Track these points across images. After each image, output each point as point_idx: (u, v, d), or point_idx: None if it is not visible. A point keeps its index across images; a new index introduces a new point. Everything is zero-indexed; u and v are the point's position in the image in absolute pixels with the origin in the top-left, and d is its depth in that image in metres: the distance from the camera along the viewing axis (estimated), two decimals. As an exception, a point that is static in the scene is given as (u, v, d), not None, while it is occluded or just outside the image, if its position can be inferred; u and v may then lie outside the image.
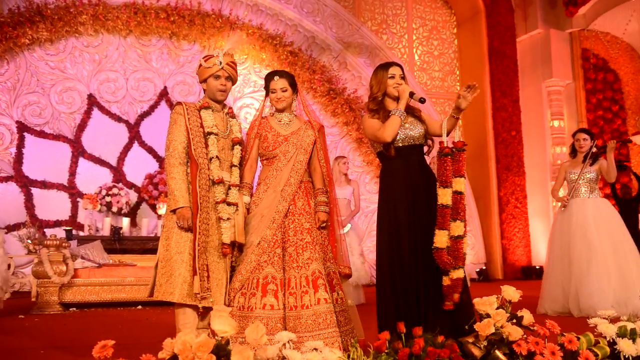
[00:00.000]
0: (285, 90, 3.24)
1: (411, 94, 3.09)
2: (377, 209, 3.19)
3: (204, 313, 2.98)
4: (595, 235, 4.93)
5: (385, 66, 3.18)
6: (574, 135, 5.38)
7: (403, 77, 3.15)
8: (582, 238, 4.95)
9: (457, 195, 2.90)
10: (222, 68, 3.15)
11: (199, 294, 2.91)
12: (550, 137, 11.19)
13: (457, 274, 2.83)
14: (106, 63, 9.40)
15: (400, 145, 3.10)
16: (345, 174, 6.46)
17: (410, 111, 3.19)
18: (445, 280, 2.85)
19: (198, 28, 9.48)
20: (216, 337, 2.04)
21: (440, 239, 2.87)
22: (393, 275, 2.97)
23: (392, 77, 3.14)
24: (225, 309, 2.06)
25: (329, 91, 10.05)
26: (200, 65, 3.17)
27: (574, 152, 5.34)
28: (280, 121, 3.29)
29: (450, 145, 2.95)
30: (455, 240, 2.86)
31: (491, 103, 11.09)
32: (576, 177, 5.13)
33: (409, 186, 3.04)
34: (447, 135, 2.99)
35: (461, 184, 2.90)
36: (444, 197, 2.90)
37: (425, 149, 3.22)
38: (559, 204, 5.30)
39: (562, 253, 5.08)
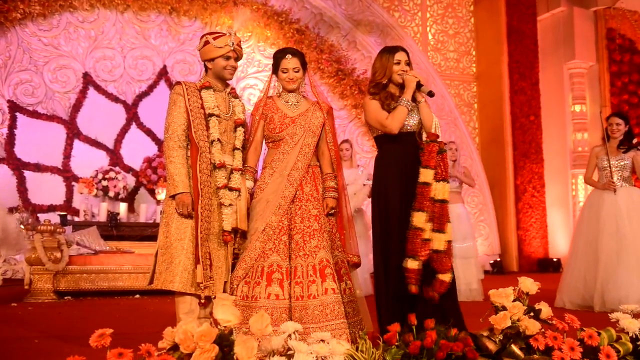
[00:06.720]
0: (298, 71, 3.24)
1: (419, 86, 3.18)
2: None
3: (205, 302, 3.01)
4: (628, 226, 4.92)
5: (391, 50, 3.26)
6: (607, 119, 5.34)
7: (409, 64, 3.23)
8: (613, 229, 4.93)
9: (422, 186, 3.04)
10: (233, 49, 3.15)
11: (201, 283, 2.94)
12: (571, 122, 11.11)
13: (410, 264, 2.96)
14: (102, 40, 9.38)
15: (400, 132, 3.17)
16: (350, 160, 6.40)
17: (413, 98, 3.24)
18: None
19: (199, 3, 9.42)
20: (219, 327, 2.06)
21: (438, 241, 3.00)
22: (384, 271, 3.12)
23: (398, 63, 3.21)
24: (229, 297, 2.08)
25: (337, 72, 10.01)
26: (207, 42, 3.15)
27: (607, 137, 5.29)
28: (287, 102, 3.28)
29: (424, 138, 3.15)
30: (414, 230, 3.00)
31: (509, 86, 11.00)
32: (607, 164, 5.10)
33: (404, 176, 3.12)
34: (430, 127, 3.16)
35: (427, 175, 3.03)
36: (440, 192, 3.00)
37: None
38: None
39: (589, 244, 5.07)
